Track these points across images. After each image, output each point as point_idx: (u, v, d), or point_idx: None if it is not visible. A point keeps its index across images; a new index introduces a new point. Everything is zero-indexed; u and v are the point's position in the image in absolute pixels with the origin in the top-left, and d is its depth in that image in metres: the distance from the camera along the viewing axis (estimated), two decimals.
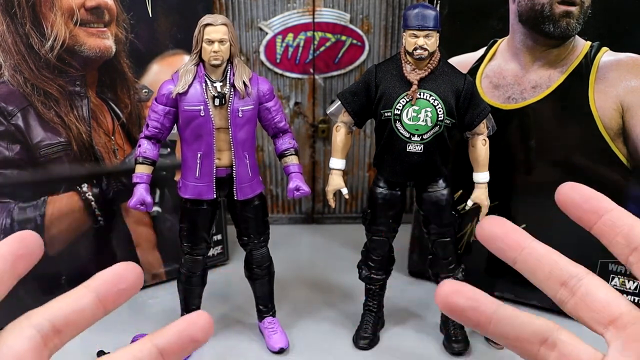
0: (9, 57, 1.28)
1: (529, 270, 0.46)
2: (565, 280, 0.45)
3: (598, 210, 0.44)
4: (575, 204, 0.45)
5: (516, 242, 0.45)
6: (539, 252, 0.45)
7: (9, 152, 1.32)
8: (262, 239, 1.35)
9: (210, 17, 1.17)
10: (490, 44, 1.41)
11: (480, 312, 0.44)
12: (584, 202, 0.45)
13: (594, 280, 0.45)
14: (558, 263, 0.45)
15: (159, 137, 1.24)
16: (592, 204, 0.45)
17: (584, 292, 0.44)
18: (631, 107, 1.31)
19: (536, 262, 0.45)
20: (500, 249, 0.46)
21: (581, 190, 0.45)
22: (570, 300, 0.45)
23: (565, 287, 0.44)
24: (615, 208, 0.45)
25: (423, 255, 1.60)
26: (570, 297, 0.44)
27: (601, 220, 0.44)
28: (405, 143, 1.24)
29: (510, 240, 0.45)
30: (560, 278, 0.45)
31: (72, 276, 1.49)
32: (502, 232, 0.45)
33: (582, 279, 0.44)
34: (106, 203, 1.49)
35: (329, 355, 1.38)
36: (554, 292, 0.45)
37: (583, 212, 0.45)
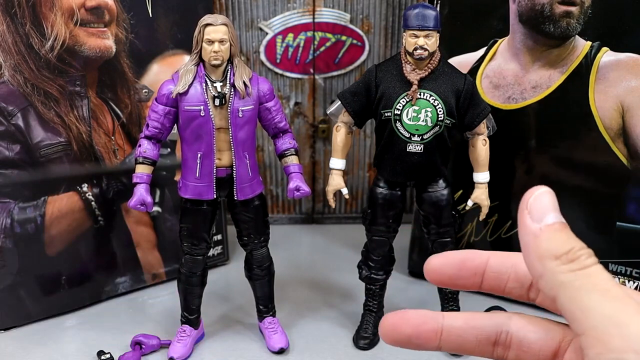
0: (9, 57, 1.28)
1: (457, 347, 0.41)
2: (494, 339, 0.41)
3: (476, 270, 0.41)
4: (451, 278, 0.41)
5: (431, 328, 0.41)
6: (457, 325, 0.41)
7: (9, 152, 1.32)
8: (262, 239, 1.35)
9: (211, 17, 1.17)
10: (490, 44, 1.41)
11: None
12: (458, 271, 0.41)
13: (519, 324, 0.41)
14: (478, 326, 0.41)
15: (159, 137, 1.24)
16: (467, 266, 0.41)
17: (517, 342, 0.40)
18: (631, 107, 1.31)
19: (460, 337, 0.41)
20: (418, 344, 0.41)
21: (448, 259, 0.41)
22: (508, 355, 0.41)
23: (497, 345, 0.41)
24: (490, 256, 0.41)
25: (423, 255, 1.60)
26: (505, 352, 0.41)
27: (484, 278, 0.41)
28: (405, 143, 1.24)
29: (424, 330, 0.41)
30: (489, 339, 0.41)
31: (72, 276, 1.49)
32: (411, 325, 0.41)
33: (508, 327, 0.40)
34: (106, 203, 1.49)
35: (329, 355, 1.38)
36: (490, 354, 0.41)
37: (464, 280, 0.41)
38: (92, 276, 1.53)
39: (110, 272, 1.56)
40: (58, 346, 1.39)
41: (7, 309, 1.42)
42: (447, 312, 0.42)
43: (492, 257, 0.41)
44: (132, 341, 1.36)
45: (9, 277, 1.40)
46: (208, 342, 1.42)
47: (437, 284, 0.42)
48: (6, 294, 1.41)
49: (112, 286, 1.57)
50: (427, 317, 0.41)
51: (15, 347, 1.38)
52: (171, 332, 1.40)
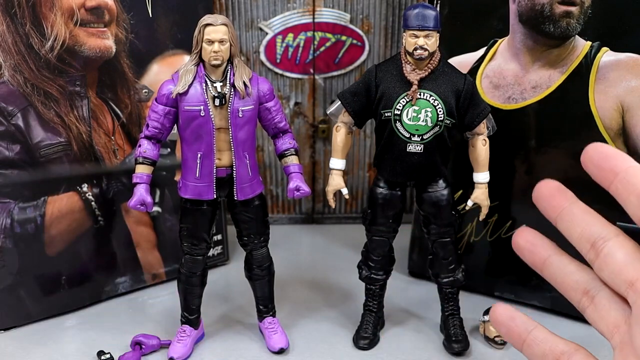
0: (9, 57, 1.28)
1: (565, 230, 0.46)
2: (594, 240, 0.44)
3: (615, 169, 0.43)
4: (594, 164, 0.44)
5: (558, 203, 0.47)
6: (575, 212, 0.46)
7: (9, 152, 1.32)
8: (262, 239, 1.35)
9: (211, 17, 1.17)
10: (490, 44, 1.41)
11: (536, 254, 0.48)
12: (602, 161, 0.44)
13: (619, 242, 0.44)
14: (590, 224, 0.45)
15: (159, 137, 1.24)
16: (610, 162, 0.43)
17: (605, 253, 0.43)
18: (631, 107, 1.31)
19: (571, 222, 0.46)
20: (544, 208, 0.47)
21: (602, 149, 0.44)
22: (595, 262, 0.44)
23: (593, 248, 0.44)
24: (632, 166, 0.43)
25: (423, 255, 1.60)
26: (595, 258, 0.44)
27: (617, 179, 0.43)
28: (405, 143, 1.24)
29: (553, 201, 0.47)
30: (590, 239, 0.45)
31: (72, 276, 1.49)
32: (548, 193, 0.47)
33: (608, 239, 0.44)
34: (106, 203, 1.49)
35: (329, 355, 1.38)
36: (585, 252, 0.45)
37: (601, 170, 0.44)
38: (92, 276, 1.53)
39: (110, 272, 1.56)
40: (58, 346, 1.39)
41: (7, 309, 1.42)
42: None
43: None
44: (132, 341, 1.36)
45: (9, 277, 1.40)
46: (208, 342, 1.42)
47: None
48: (6, 294, 1.41)
49: (112, 286, 1.57)
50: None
51: (15, 347, 1.38)
52: (171, 332, 1.40)
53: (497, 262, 1.54)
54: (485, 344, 1.41)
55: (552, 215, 0.47)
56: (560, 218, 0.46)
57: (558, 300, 1.43)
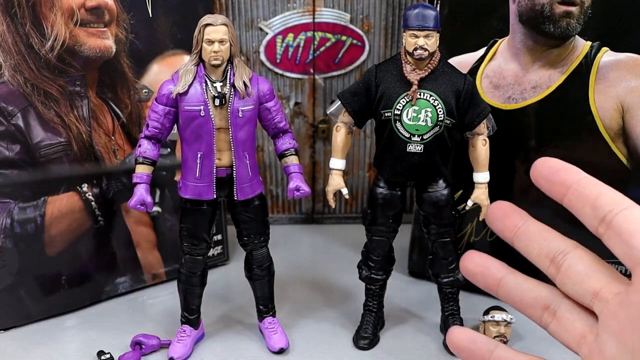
0: (9, 57, 1.28)
1: (523, 248, 0.46)
2: (553, 256, 0.45)
3: (565, 182, 0.43)
4: (544, 178, 0.44)
5: (512, 222, 0.46)
6: (531, 230, 0.46)
7: (9, 152, 1.32)
8: (262, 239, 1.35)
9: (211, 17, 1.17)
10: (490, 44, 1.41)
11: (489, 277, 0.48)
12: (552, 175, 0.44)
13: (578, 254, 0.44)
14: (547, 239, 0.45)
15: (159, 137, 1.24)
16: (560, 176, 0.44)
17: (567, 267, 0.44)
18: (631, 107, 1.31)
19: (528, 241, 0.46)
20: (499, 230, 0.47)
21: (550, 164, 0.44)
22: (557, 276, 0.44)
23: (553, 263, 0.44)
24: (584, 177, 0.43)
25: (423, 255, 1.60)
26: (556, 273, 0.44)
27: (569, 192, 0.43)
28: (405, 143, 1.24)
29: (507, 221, 0.47)
30: (549, 254, 0.45)
31: (72, 276, 1.49)
32: (501, 214, 0.47)
33: (567, 253, 0.44)
34: (106, 203, 1.49)
35: (329, 355, 1.38)
36: (545, 268, 0.45)
37: (552, 185, 0.44)
38: (92, 276, 1.53)
39: (110, 272, 1.56)
40: (58, 346, 1.39)
41: (7, 309, 1.42)
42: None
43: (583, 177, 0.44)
44: (132, 341, 1.36)
45: (9, 277, 1.40)
46: (208, 342, 1.42)
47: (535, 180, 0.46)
48: (6, 294, 1.41)
49: (112, 286, 1.57)
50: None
51: (15, 347, 1.38)
52: (171, 332, 1.40)
53: None
54: None
55: (508, 235, 0.47)
56: (517, 237, 0.46)
57: None
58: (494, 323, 1.39)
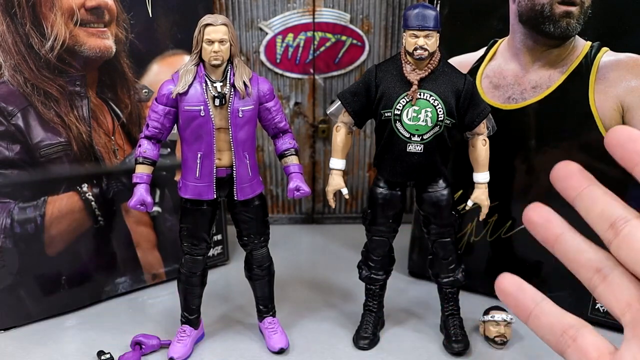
0: (9, 57, 1.28)
1: (584, 209, 0.47)
2: (614, 220, 0.45)
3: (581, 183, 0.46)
4: (620, 144, 0.44)
5: (578, 183, 0.47)
6: (595, 192, 0.46)
7: (9, 152, 1.32)
8: (262, 239, 1.35)
9: (211, 17, 1.17)
10: (490, 44, 1.41)
11: (549, 230, 0.48)
12: (628, 142, 0.44)
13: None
14: (610, 204, 0.46)
15: (159, 137, 1.24)
16: (637, 145, 0.44)
17: (626, 233, 0.44)
18: (631, 107, 1.31)
19: (591, 202, 0.46)
20: (563, 188, 0.47)
21: (628, 132, 0.44)
22: (614, 240, 0.45)
23: (612, 227, 0.45)
24: (596, 183, 0.47)
25: (423, 255, 1.60)
26: (614, 237, 0.45)
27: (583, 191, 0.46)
28: (405, 143, 1.24)
29: (572, 181, 0.47)
30: (610, 218, 0.45)
31: (72, 276, 1.49)
32: (566, 174, 0.47)
33: (629, 220, 0.45)
34: (106, 203, 1.49)
35: (329, 355, 1.38)
36: (603, 231, 0.46)
37: (626, 152, 0.44)
38: (92, 276, 1.53)
39: (110, 272, 1.56)
40: (58, 346, 1.39)
41: (7, 309, 1.42)
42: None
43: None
44: (132, 341, 1.36)
45: (9, 277, 1.40)
46: (208, 342, 1.42)
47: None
48: (6, 294, 1.41)
49: (112, 286, 1.57)
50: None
51: (15, 347, 1.38)
52: (171, 332, 1.40)
53: (497, 262, 1.54)
54: (485, 344, 1.41)
55: (571, 194, 0.47)
56: (580, 197, 0.47)
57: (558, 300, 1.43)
58: (494, 323, 1.39)
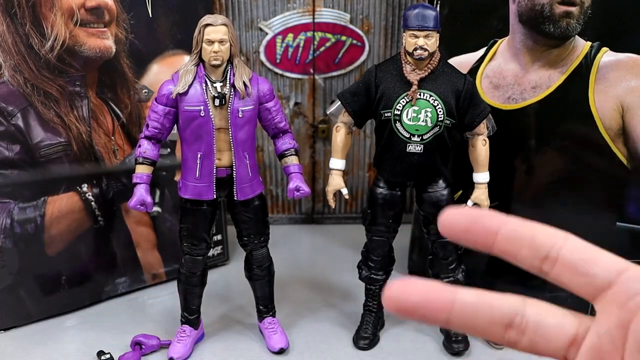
0: (9, 57, 1.28)
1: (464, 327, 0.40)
2: (507, 322, 0.39)
3: (491, 228, 0.39)
4: (464, 229, 0.40)
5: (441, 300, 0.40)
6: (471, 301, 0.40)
7: (9, 152, 1.32)
8: (262, 239, 1.35)
9: (210, 18, 1.17)
10: (490, 44, 1.41)
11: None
12: (473, 224, 0.40)
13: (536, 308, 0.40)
14: (493, 307, 0.40)
15: (159, 137, 1.24)
16: (484, 222, 0.39)
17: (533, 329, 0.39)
18: (631, 108, 1.31)
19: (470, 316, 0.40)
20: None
21: (466, 213, 0.40)
22: (522, 341, 0.39)
23: (512, 329, 0.40)
24: (510, 220, 0.40)
25: (423, 255, 1.60)
26: (521, 336, 0.39)
27: (498, 237, 0.39)
28: (405, 143, 1.24)
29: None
30: (502, 322, 0.40)
31: (72, 276, 1.49)
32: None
33: (524, 312, 0.39)
34: (106, 203, 1.49)
35: (329, 355, 1.38)
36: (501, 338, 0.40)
37: (476, 234, 0.40)
38: (92, 276, 1.53)
39: (110, 272, 1.56)
40: (58, 346, 1.39)
41: (7, 309, 1.42)
42: (459, 287, 0.40)
43: (509, 221, 0.40)
44: (132, 341, 1.36)
45: (9, 277, 1.40)
46: (208, 342, 1.42)
47: (449, 237, 0.40)
48: (6, 294, 1.41)
49: (112, 286, 1.57)
50: (437, 287, 0.39)
51: (15, 347, 1.38)
52: (171, 332, 1.40)
53: (497, 262, 1.54)
54: (485, 344, 1.41)
55: (441, 317, 0.39)
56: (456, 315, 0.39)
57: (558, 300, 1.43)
58: None
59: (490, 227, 0.39)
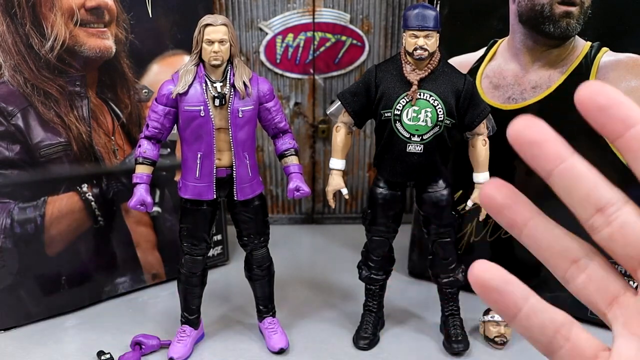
0: (9, 57, 1.28)
1: (564, 188, 0.39)
2: (602, 206, 0.39)
3: (627, 120, 0.37)
4: (600, 108, 0.37)
5: (556, 152, 0.39)
6: (579, 170, 0.39)
7: (9, 152, 1.32)
8: (262, 239, 1.35)
9: (210, 18, 1.17)
10: (490, 44, 1.41)
11: (517, 213, 0.41)
12: (610, 107, 0.37)
13: (633, 211, 0.39)
14: (597, 186, 0.39)
15: (159, 137, 1.24)
16: (622, 110, 0.37)
17: (621, 222, 0.38)
18: None
19: (573, 181, 0.39)
20: (536, 156, 0.39)
21: (609, 94, 0.37)
22: (605, 230, 0.39)
23: (602, 214, 0.39)
24: (578, 157, 0.39)
25: (423, 255, 1.60)
26: (605, 225, 0.39)
27: (630, 132, 0.37)
28: (405, 143, 1.24)
29: (548, 148, 0.39)
30: (598, 203, 0.39)
31: (72, 276, 1.49)
32: (540, 138, 0.39)
33: (620, 208, 0.39)
34: (106, 203, 1.49)
35: (329, 355, 1.38)
36: (587, 216, 0.39)
37: (609, 118, 0.37)
38: (92, 276, 1.53)
39: (110, 272, 1.56)
40: (58, 346, 1.39)
41: (7, 309, 1.42)
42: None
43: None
44: (132, 341, 1.36)
45: (9, 277, 1.40)
46: (208, 342, 1.42)
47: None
48: (6, 294, 1.41)
49: (112, 286, 1.57)
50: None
51: (15, 347, 1.38)
52: (171, 332, 1.40)
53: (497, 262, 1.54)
54: (485, 344, 1.41)
55: (548, 166, 0.39)
56: (560, 173, 0.39)
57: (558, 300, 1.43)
58: (494, 323, 1.39)
59: (627, 117, 0.37)
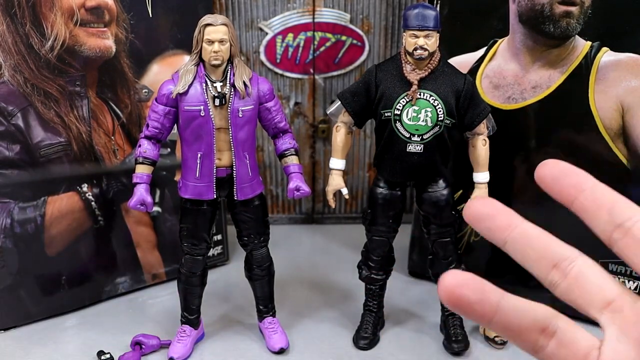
0: (9, 57, 1.28)
1: (519, 251, 0.43)
2: (556, 262, 0.42)
3: (578, 185, 0.42)
4: (554, 179, 0.42)
5: (506, 222, 0.43)
6: (530, 232, 0.43)
7: (9, 152, 1.32)
8: (262, 239, 1.35)
9: (211, 17, 1.17)
10: (490, 44, 1.41)
11: (486, 304, 0.41)
12: (563, 177, 0.42)
13: (586, 262, 0.42)
14: (550, 244, 0.43)
15: (159, 137, 1.24)
16: (573, 178, 0.42)
17: (576, 275, 0.42)
18: (631, 108, 1.31)
19: (527, 244, 0.43)
20: (489, 229, 0.43)
21: (561, 166, 0.42)
22: (562, 283, 0.42)
23: (557, 269, 0.42)
24: (598, 183, 0.42)
25: (423, 255, 1.60)
26: (562, 279, 0.42)
27: (582, 195, 0.41)
28: (405, 143, 1.24)
29: (499, 220, 0.43)
30: (552, 260, 0.42)
31: (72, 276, 1.49)
32: (491, 212, 0.43)
33: (574, 260, 0.42)
34: (106, 203, 1.49)
35: (329, 355, 1.38)
36: (545, 274, 0.43)
37: (562, 187, 0.42)
38: (92, 276, 1.53)
39: (110, 272, 1.56)
40: (58, 346, 1.39)
41: (7, 309, 1.42)
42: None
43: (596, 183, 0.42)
44: (132, 341, 1.36)
45: (9, 277, 1.40)
46: (208, 342, 1.42)
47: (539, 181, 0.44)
48: (6, 294, 1.41)
49: (112, 286, 1.57)
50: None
51: (15, 347, 1.38)
52: (171, 332, 1.40)
53: (497, 262, 1.54)
54: (485, 344, 1.41)
55: (501, 236, 0.43)
56: (513, 239, 0.43)
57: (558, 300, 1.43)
58: None
59: (577, 183, 0.42)
